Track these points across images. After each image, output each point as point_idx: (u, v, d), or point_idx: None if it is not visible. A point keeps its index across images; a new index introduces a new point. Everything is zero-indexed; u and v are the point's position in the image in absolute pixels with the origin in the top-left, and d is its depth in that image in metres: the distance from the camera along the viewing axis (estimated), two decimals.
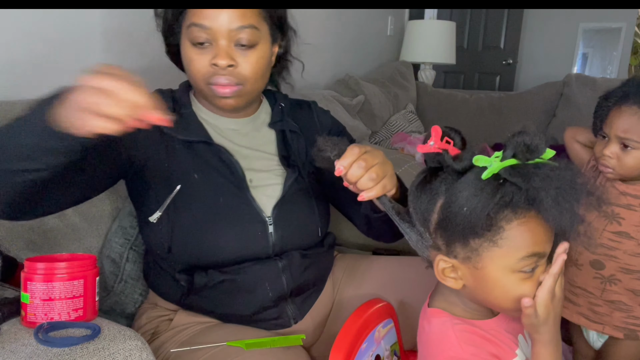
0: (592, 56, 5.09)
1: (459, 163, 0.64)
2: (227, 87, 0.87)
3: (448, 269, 0.67)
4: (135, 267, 1.10)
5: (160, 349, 0.92)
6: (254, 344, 0.84)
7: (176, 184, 0.88)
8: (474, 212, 0.60)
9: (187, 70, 0.90)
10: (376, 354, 0.85)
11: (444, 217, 0.64)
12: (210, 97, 0.91)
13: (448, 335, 0.68)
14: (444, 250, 0.67)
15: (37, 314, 0.73)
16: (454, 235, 0.63)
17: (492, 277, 0.65)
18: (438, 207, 0.66)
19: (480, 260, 0.64)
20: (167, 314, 0.97)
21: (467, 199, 0.60)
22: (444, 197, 0.65)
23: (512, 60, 4.52)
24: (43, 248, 0.98)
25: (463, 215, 0.61)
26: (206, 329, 0.92)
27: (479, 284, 0.67)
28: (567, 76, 2.80)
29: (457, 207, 0.61)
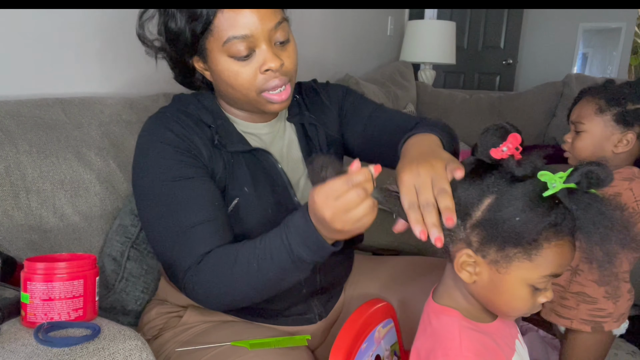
0: (592, 56, 5.09)
1: (520, 170, 0.63)
2: (281, 87, 0.84)
3: (468, 264, 0.67)
4: (137, 265, 1.11)
5: (165, 345, 0.92)
6: (258, 344, 0.84)
7: (232, 197, 0.87)
8: (526, 225, 0.61)
9: (230, 85, 0.84)
10: (376, 354, 0.85)
11: (490, 218, 0.63)
12: (262, 104, 0.86)
13: (454, 337, 0.68)
14: (475, 247, 0.66)
15: (37, 314, 0.73)
16: (495, 238, 0.63)
17: (508, 285, 0.66)
18: (485, 206, 0.64)
19: (506, 267, 0.65)
20: (177, 311, 0.97)
21: (522, 210, 0.61)
22: (494, 198, 0.63)
23: (512, 60, 4.52)
24: (43, 248, 0.98)
25: (513, 224, 0.61)
26: (211, 328, 0.92)
27: (492, 286, 0.67)
28: (567, 76, 2.80)
29: (508, 214, 0.61)
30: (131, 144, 1.19)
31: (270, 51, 0.81)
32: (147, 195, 0.83)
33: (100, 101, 1.21)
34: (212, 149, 0.86)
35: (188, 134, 0.84)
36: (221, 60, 0.82)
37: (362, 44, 2.87)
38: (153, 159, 0.83)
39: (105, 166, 1.12)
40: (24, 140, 1.00)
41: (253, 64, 0.81)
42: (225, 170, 0.86)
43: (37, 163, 1.01)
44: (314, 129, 0.99)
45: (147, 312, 1.02)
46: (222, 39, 0.79)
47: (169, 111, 0.88)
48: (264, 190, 0.88)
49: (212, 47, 0.81)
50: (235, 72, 0.82)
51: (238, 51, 0.80)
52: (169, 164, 0.82)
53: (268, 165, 0.89)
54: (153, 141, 0.84)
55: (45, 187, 1.01)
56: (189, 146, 0.83)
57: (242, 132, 0.91)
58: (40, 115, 1.06)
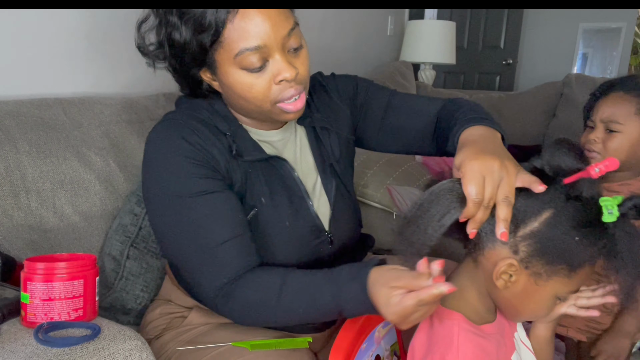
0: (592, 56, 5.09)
1: (577, 190, 0.62)
2: (296, 96, 0.80)
3: (508, 272, 0.66)
4: (136, 264, 1.11)
5: (167, 345, 0.92)
6: (259, 345, 0.83)
7: (250, 208, 0.84)
8: (582, 246, 0.61)
9: (243, 98, 0.79)
10: (376, 354, 0.85)
11: (547, 232, 0.62)
12: (276, 115, 0.82)
13: (452, 341, 0.67)
14: (520, 257, 0.65)
15: (37, 314, 0.73)
16: (547, 253, 0.63)
17: (540, 296, 0.67)
18: (543, 219, 0.63)
19: (546, 281, 0.65)
20: (182, 311, 0.97)
21: (579, 230, 0.61)
22: (553, 213, 0.62)
23: (512, 60, 4.52)
24: (43, 248, 0.98)
25: (569, 243, 0.61)
26: (213, 329, 0.92)
27: (524, 295, 0.67)
28: (567, 76, 2.80)
29: (566, 231, 0.61)
30: (131, 144, 1.19)
31: (285, 60, 0.76)
32: (166, 211, 0.78)
33: (100, 101, 1.21)
34: (230, 158, 0.81)
35: (205, 143, 0.79)
36: (232, 72, 0.76)
37: (362, 44, 2.87)
38: (170, 173, 0.78)
39: (105, 166, 1.12)
40: (24, 140, 1.00)
41: (266, 74, 0.76)
42: (243, 180, 0.83)
43: (37, 163, 1.01)
44: (325, 132, 0.95)
45: (150, 311, 1.01)
46: (234, 51, 0.74)
47: (181, 118, 0.82)
48: (281, 200, 0.85)
49: (222, 59, 0.76)
50: (249, 85, 0.77)
51: (251, 63, 0.74)
52: (188, 177, 0.77)
53: (284, 174, 0.87)
54: (168, 152, 0.79)
55: (45, 187, 1.01)
56: (207, 157, 0.79)
57: (256, 139, 0.87)
58: (40, 115, 1.06)
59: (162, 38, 0.78)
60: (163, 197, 0.78)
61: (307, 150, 0.94)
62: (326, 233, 0.90)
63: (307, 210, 0.88)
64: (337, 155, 0.95)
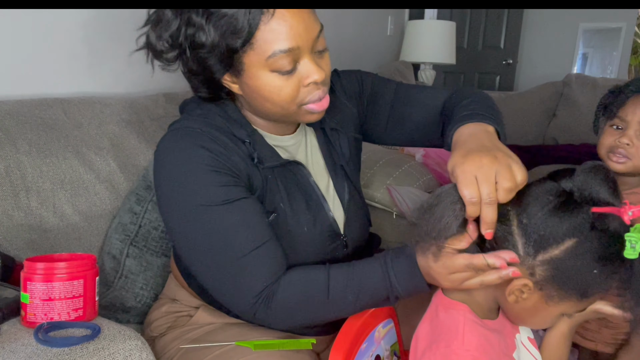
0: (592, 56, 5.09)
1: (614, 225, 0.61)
2: (323, 98, 0.79)
3: (521, 291, 0.66)
4: (136, 262, 1.11)
5: (171, 343, 0.92)
6: (262, 345, 0.84)
7: (269, 214, 0.82)
8: (600, 279, 0.61)
9: (270, 100, 0.77)
10: (376, 354, 0.85)
11: (567, 261, 0.62)
12: (300, 116, 0.81)
13: (457, 330, 0.68)
14: (536, 279, 0.64)
15: (37, 314, 0.73)
16: (564, 281, 0.63)
17: (547, 313, 0.67)
18: (566, 247, 0.61)
19: (557, 303, 0.65)
20: (187, 310, 0.97)
21: (600, 263, 0.61)
22: (576, 242, 0.61)
23: (512, 60, 4.52)
24: (43, 248, 0.98)
25: (587, 275, 0.61)
26: (217, 328, 0.92)
27: (532, 310, 0.68)
28: (567, 76, 2.80)
29: (586, 263, 0.61)
30: (131, 144, 1.19)
31: (314, 63, 0.75)
32: (192, 224, 0.75)
33: (100, 101, 1.21)
34: (251, 165, 0.80)
35: (225, 151, 0.77)
36: (262, 75, 0.74)
37: (362, 44, 2.87)
38: (193, 183, 0.75)
39: (105, 166, 1.12)
40: (24, 140, 1.00)
41: (295, 77, 0.75)
42: (262, 186, 0.81)
43: (37, 163, 1.01)
44: (335, 133, 0.93)
45: (156, 309, 1.01)
46: (266, 53, 0.71)
47: (196, 125, 0.79)
48: (300, 206, 0.84)
49: (252, 61, 0.73)
50: (279, 88, 0.75)
51: (282, 65, 0.73)
52: (212, 186, 0.75)
53: (301, 179, 0.86)
54: (189, 163, 0.75)
55: (45, 187, 1.01)
56: (229, 164, 0.77)
57: (272, 145, 0.85)
58: (40, 115, 1.06)
59: (182, 39, 0.73)
60: (187, 209, 0.75)
61: (318, 152, 0.94)
62: (342, 237, 0.90)
63: (324, 215, 0.87)
64: (347, 156, 0.94)
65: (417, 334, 0.73)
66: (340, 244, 0.90)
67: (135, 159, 1.19)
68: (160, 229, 1.16)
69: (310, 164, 0.91)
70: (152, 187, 1.17)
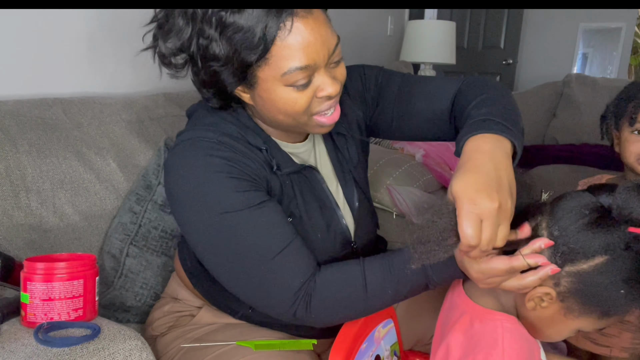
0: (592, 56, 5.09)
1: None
2: (332, 109, 0.78)
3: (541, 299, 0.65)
4: (135, 262, 1.11)
5: (173, 343, 0.92)
6: (263, 345, 0.84)
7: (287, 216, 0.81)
8: (625, 299, 0.60)
9: (283, 112, 0.76)
10: (376, 354, 0.85)
11: (594, 277, 0.61)
12: (310, 127, 0.80)
13: (496, 342, 0.66)
14: (560, 290, 0.64)
15: (37, 314, 0.73)
16: (588, 297, 0.62)
17: (564, 326, 0.67)
18: (595, 263, 0.61)
19: (577, 317, 0.64)
20: (190, 310, 0.97)
21: (628, 283, 0.60)
22: (607, 260, 0.60)
23: (512, 60, 4.52)
24: (43, 247, 0.98)
25: (613, 294, 0.60)
26: (219, 328, 0.92)
27: (548, 320, 0.67)
28: (567, 76, 2.80)
29: (614, 282, 0.60)
30: (131, 144, 1.19)
31: (328, 76, 0.74)
32: (216, 234, 0.74)
33: (100, 101, 1.21)
34: (269, 173, 0.79)
35: (243, 158, 0.76)
36: (276, 89, 0.72)
37: (362, 44, 2.87)
38: (211, 192, 0.74)
39: (105, 166, 1.12)
40: (24, 140, 1.00)
41: (310, 89, 0.74)
42: (279, 192, 0.81)
43: (37, 163, 1.01)
44: (342, 138, 0.92)
45: (157, 308, 1.02)
46: (282, 69, 0.70)
47: (209, 136, 0.77)
48: (314, 212, 0.84)
49: (267, 76, 0.71)
50: (293, 101, 0.73)
51: (297, 81, 0.71)
52: (232, 193, 0.74)
53: (316, 184, 0.85)
54: (205, 172, 0.74)
55: (45, 187, 1.01)
56: (246, 170, 0.76)
57: (286, 151, 0.85)
58: (40, 115, 1.06)
59: (194, 50, 0.71)
60: (211, 219, 0.74)
61: (326, 159, 0.93)
62: (352, 244, 0.90)
63: (337, 222, 0.87)
64: (355, 161, 0.93)
65: (449, 343, 0.71)
66: (350, 251, 0.90)
67: (135, 159, 1.19)
68: (160, 229, 1.16)
69: (321, 171, 0.90)
70: (151, 186, 1.17)
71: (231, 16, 0.67)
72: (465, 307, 0.73)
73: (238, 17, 0.67)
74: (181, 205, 0.76)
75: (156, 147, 1.23)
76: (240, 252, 0.74)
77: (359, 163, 0.95)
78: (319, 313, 0.76)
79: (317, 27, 0.70)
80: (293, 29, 0.68)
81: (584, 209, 0.62)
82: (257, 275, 0.75)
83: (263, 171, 0.78)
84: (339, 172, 0.92)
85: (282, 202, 0.81)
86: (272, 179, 0.79)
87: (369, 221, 0.97)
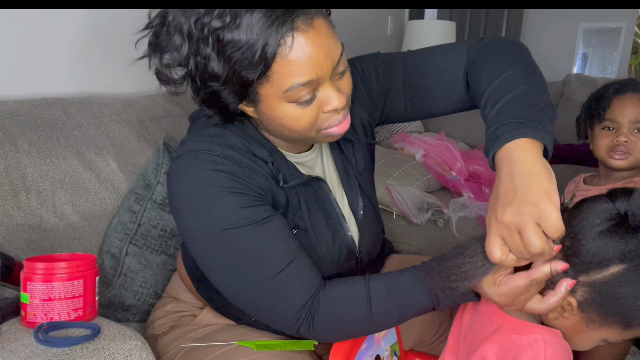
0: (592, 56, 5.09)
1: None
2: (342, 121, 0.75)
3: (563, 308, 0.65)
4: (135, 261, 1.11)
5: (174, 342, 0.92)
6: (264, 345, 0.84)
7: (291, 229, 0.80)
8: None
9: (288, 128, 0.73)
10: (376, 354, 0.85)
11: (610, 288, 0.59)
12: (319, 139, 0.77)
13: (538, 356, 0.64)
14: (578, 300, 0.62)
15: (36, 314, 0.73)
16: (605, 308, 0.60)
17: (588, 337, 0.65)
18: (610, 273, 0.59)
19: (598, 329, 0.63)
20: (191, 310, 0.97)
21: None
22: (624, 269, 0.58)
23: None
24: (43, 247, 0.98)
25: (631, 305, 0.58)
26: (220, 328, 0.92)
27: (572, 330, 0.66)
28: (567, 76, 2.80)
29: (631, 293, 0.58)
30: (131, 144, 1.19)
31: (334, 89, 0.70)
32: (219, 249, 0.73)
33: (100, 101, 1.21)
34: (275, 186, 0.77)
35: (247, 172, 0.74)
36: (279, 106, 0.70)
37: (362, 44, 2.87)
38: (213, 207, 0.72)
39: (105, 166, 1.13)
40: (24, 140, 1.00)
41: (315, 104, 0.71)
42: (285, 205, 0.79)
43: (37, 163, 1.01)
44: (349, 144, 0.90)
45: (159, 307, 1.02)
46: (283, 87, 0.67)
47: (214, 149, 0.75)
48: (320, 224, 0.82)
49: (268, 93, 0.69)
50: (297, 117, 0.71)
51: (300, 97, 0.68)
52: (234, 208, 0.72)
53: (322, 195, 0.84)
54: (208, 187, 0.72)
55: (45, 187, 1.01)
56: (250, 185, 0.74)
57: (292, 162, 0.83)
58: (40, 115, 1.06)
59: (192, 68, 0.68)
60: (213, 235, 0.72)
61: (332, 166, 0.91)
62: (356, 254, 0.89)
63: (343, 234, 0.86)
64: (362, 167, 0.92)
65: (483, 354, 0.69)
66: (354, 261, 0.89)
67: (135, 159, 1.19)
68: (160, 227, 1.16)
69: (328, 179, 0.89)
70: (151, 186, 1.17)
71: (229, 33, 0.64)
72: (501, 320, 0.71)
73: (236, 33, 0.63)
74: (184, 218, 0.75)
75: (156, 147, 1.23)
76: (243, 269, 0.73)
77: (365, 168, 0.93)
78: (322, 331, 0.75)
79: (319, 39, 0.66)
80: (294, 45, 0.65)
81: (597, 217, 0.60)
82: (260, 292, 0.74)
83: (268, 184, 0.76)
84: (344, 180, 0.90)
85: (287, 214, 0.79)
86: (277, 192, 0.78)
87: (374, 228, 0.95)
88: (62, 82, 1.24)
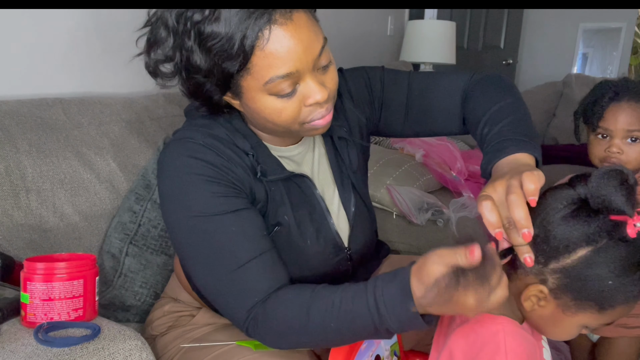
0: (592, 56, 5.09)
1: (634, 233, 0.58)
2: (326, 115, 0.76)
3: (537, 297, 0.65)
4: (135, 261, 1.11)
5: (172, 343, 0.92)
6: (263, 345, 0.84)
7: (272, 226, 0.81)
8: (616, 291, 0.59)
9: (271, 121, 0.74)
10: (376, 354, 0.85)
11: (579, 271, 0.60)
12: (304, 132, 0.78)
13: (499, 347, 0.65)
14: (550, 287, 0.63)
15: (36, 314, 0.73)
16: (577, 292, 0.61)
17: (567, 323, 0.66)
18: (578, 257, 0.60)
19: (574, 313, 0.64)
20: (190, 310, 0.97)
21: (617, 274, 0.59)
22: (590, 251, 0.59)
23: (512, 60, 4.52)
24: (43, 247, 0.98)
25: (602, 287, 0.59)
26: (219, 328, 0.92)
27: (551, 320, 0.67)
28: (567, 76, 2.80)
29: (601, 274, 0.59)
30: (131, 144, 1.19)
31: (316, 82, 0.71)
32: (190, 234, 0.75)
33: (100, 101, 1.21)
34: (254, 178, 0.78)
35: (227, 162, 0.76)
36: (260, 98, 0.71)
37: (362, 44, 2.87)
38: (188, 193, 0.74)
39: (105, 166, 1.13)
40: (24, 140, 1.00)
41: (296, 98, 0.71)
42: (265, 199, 0.79)
43: (37, 163, 1.01)
44: (343, 142, 0.90)
45: (157, 308, 1.02)
46: (263, 79, 0.68)
47: (196, 137, 0.77)
48: (303, 218, 0.83)
49: (249, 85, 0.70)
50: (279, 110, 0.72)
51: (281, 89, 0.69)
52: (208, 196, 0.73)
53: (306, 191, 0.84)
54: (185, 173, 0.74)
55: (45, 187, 1.01)
56: (229, 176, 0.75)
57: (277, 156, 0.83)
58: (40, 115, 1.06)
59: (177, 61, 0.70)
60: (185, 220, 0.74)
61: (325, 161, 0.91)
62: (346, 250, 0.89)
63: (328, 228, 0.86)
64: (355, 166, 0.92)
65: (451, 349, 0.70)
66: (344, 257, 0.89)
67: (135, 159, 1.19)
68: (160, 228, 1.16)
69: (317, 175, 0.89)
70: (151, 186, 1.17)
71: (208, 26, 0.65)
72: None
73: (215, 26, 0.65)
74: (163, 203, 0.78)
75: (156, 147, 1.23)
76: (208, 257, 0.74)
77: (359, 168, 0.94)
78: (267, 337, 0.74)
79: (297, 32, 0.67)
80: (271, 37, 0.66)
81: (559, 203, 0.61)
82: (219, 285, 0.74)
83: (247, 177, 0.77)
84: (337, 177, 0.90)
85: (268, 209, 0.80)
86: (256, 185, 0.78)
87: (366, 227, 0.95)
88: (62, 82, 1.24)
